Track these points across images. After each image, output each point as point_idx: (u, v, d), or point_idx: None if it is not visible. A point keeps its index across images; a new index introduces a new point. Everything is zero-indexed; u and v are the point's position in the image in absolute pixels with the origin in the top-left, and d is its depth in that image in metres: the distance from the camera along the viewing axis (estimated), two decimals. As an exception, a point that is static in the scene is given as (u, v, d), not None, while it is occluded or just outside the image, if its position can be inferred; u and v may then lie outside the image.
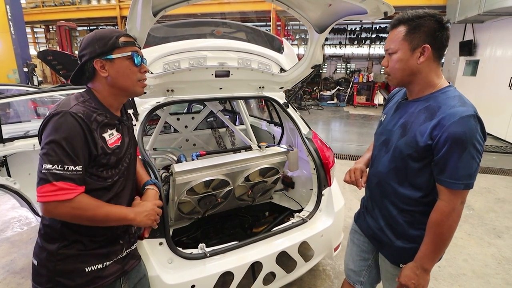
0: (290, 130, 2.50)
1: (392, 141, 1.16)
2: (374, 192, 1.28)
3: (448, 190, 1.01)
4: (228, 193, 1.99)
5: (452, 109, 0.98)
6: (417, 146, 1.04)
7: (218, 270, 1.52)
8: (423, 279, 1.10)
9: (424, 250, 1.08)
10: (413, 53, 1.04)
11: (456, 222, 1.04)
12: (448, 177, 1.00)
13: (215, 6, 10.00)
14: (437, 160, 1.01)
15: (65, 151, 0.92)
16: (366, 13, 1.44)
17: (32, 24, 14.82)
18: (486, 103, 7.47)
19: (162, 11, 1.31)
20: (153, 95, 1.86)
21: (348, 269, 1.52)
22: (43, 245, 1.04)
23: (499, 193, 3.94)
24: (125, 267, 1.18)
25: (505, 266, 2.49)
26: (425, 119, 1.04)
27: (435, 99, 1.05)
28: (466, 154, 0.96)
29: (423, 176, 1.09)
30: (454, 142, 0.95)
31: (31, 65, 8.37)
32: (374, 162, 1.28)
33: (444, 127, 0.97)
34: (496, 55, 7.26)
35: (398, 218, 1.18)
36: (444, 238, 1.05)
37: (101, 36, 1.03)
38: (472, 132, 0.95)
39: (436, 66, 1.08)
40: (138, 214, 1.10)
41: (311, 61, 1.95)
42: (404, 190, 1.14)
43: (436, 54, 1.05)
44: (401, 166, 1.12)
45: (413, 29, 1.03)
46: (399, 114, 1.18)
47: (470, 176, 0.99)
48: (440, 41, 1.03)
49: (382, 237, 1.25)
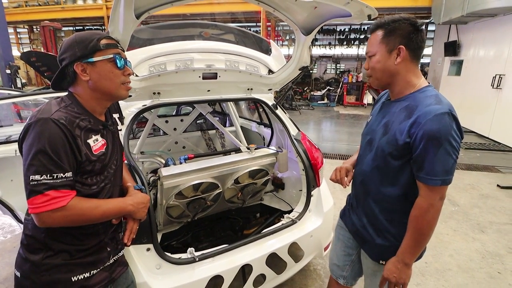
0: (280, 132, 2.51)
1: (375, 140, 1.19)
2: (358, 190, 1.32)
3: (426, 186, 1.04)
4: (218, 196, 1.98)
5: (428, 107, 1.01)
6: (397, 144, 1.08)
7: (208, 274, 1.51)
8: (404, 273, 1.13)
9: (405, 245, 1.12)
10: (390, 54, 1.09)
11: (435, 218, 1.07)
12: (426, 174, 1.02)
13: (205, 6, 9.94)
14: (415, 157, 1.04)
15: (51, 159, 0.89)
16: (350, 15, 1.46)
17: (15, 24, 14.39)
18: (470, 102, 7.69)
19: (145, 13, 1.29)
20: (139, 98, 1.84)
21: (332, 264, 1.57)
22: (26, 256, 1.00)
23: (482, 189, 4.06)
24: (113, 275, 1.16)
25: (489, 260, 2.57)
26: (404, 118, 1.08)
27: (414, 99, 1.09)
28: (442, 150, 0.98)
29: (403, 175, 1.11)
30: (430, 139, 0.98)
31: (14, 66, 8.13)
32: (359, 161, 1.32)
33: (420, 125, 1.00)
34: (479, 55, 7.48)
35: (379, 216, 1.21)
36: (423, 233, 1.08)
37: (81, 39, 1.00)
38: (446, 129, 0.98)
39: (413, 67, 1.12)
40: (137, 205, 1.12)
41: (299, 63, 1.96)
42: (385, 188, 1.17)
43: (412, 54, 1.09)
44: (383, 165, 1.15)
45: (389, 32, 1.08)
46: (382, 114, 1.22)
47: (447, 172, 1.01)
48: (415, 43, 1.07)
49: (364, 234, 1.29)
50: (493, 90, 6.63)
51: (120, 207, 1.08)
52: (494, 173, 4.69)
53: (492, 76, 6.62)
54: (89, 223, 1.02)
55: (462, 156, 5.60)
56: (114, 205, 1.07)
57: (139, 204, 1.14)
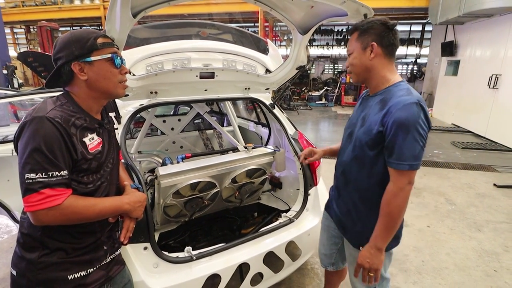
0: (277, 131, 2.52)
1: (354, 132, 1.29)
2: (339, 180, 1.41)
3: (395, 171, 1.12)
4: (215, 195, 1.98)
5: (399, 98, 1.12)
6: (372, 134, 1.17)
7: (205, 273, 1.51)
8: (377, 258, 1.18)
9: (377, 230, 1.18)
10: (364, 51, 1.20)
11: (404, 202, 1.13)
12: (395, 159, 1.11)
13: (203, 6, 9.93)
14: (387, 144, 1.13)
15: (46, 157, 0.89)
16: (346, 15, 1.48)
17: (11, 24, 14.29)
18: (467, 101, 7.74)
19: (142, 12, 1.30)
20: (136, 98, 1.83)
21: (321, 254, 1.69)
22: (22, 255, 1.00)
23: (479, 188, 4.09)
24: (109, 273, 1.15)
25: (485, 258, 2.58)
26: (378, 110, 1.18)
27: (388, 92, 1.19)
28: (410, 136, 1.07)
29: (378, 164, 1.20)
30: (399, 126, 1.07)
31: (10, 67, 8.09)
32: (341, 153, 1.42)
33: (391, 114, 1.10)
34: (476, 55, 7.53)
35: (359, 204, 1.30)
36: (393, 217, 1.14)
37: (78, 38, 0.99)
38: (414, 117, 1.07)
39: (388, 63, 1.22)
40: (134, 204, 1.12)
41: (296, 62, 1.97)
42: (363, 177, 1.26)
43: (385, 51, 1.19)
44: (360, 155, 1.25)
45: (363, 32, 1.21)
46: (361, 109, 1.32)
47: (415, 157, 1.09)
48: (387, 40, 1.18)
49: (346, 222, 1.37)
50: (489, 90, 6.68)
51: (116, 205, 1.08)
52: (491, 172, 4.72)
53: (488, 76, 6.66)
54: (85, 222, 1.02)
55: (459, 155, 5.63)
56: (110, 203, 1.06)
57: (136, 202, 1.14)
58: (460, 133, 7.51)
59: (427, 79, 11.22)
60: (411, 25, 13.16)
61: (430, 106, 10.11)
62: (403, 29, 13.44)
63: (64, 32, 13.50)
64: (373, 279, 1.20)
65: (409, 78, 13.47)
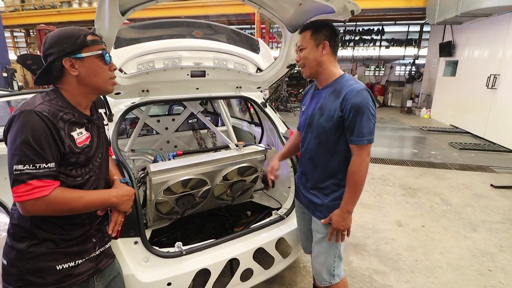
0: (270, 130, 2.53)
1: (314, 122, 1.46)
2: (306, 166, 1.57)
3: (357, 146, 1.34)
4: (207, 193, 1.99)
5: (351, 87, 1.33)
6: (333, 120, 1.36)
7: (194, 267, 1.53)
8: (349, 220, 1.42)
9: (346, 197, 1.40)
10: (317, 48, 1.39)
11: (366, 170, 1.36)
12: (356, 136, 1.32)
13: (198, 9, 9.99)
14: (347, 126, 1.33)
15: (34, 150, 0.92)
16: (334, 12, 1.49)
17: (11, 28, 14.39)
18: (465, 102, 7.73)
19: (130, 10, 1.32)
20: (127, 96, 1.85)
21: (302, 242, 1.83)
22: (12, 245, 1.03)
23: (476, 188, 4.08)
24: (99, 265, 1.17)
25: (479, 258, 2.58)
26: (334, 99, 1.37)
27: (338, 84, 1.40)
28: (365, 117, 1.29)
29: (341, 144, 1.40)
30: (356, 109, 1.29)
31: (10, 70, 8.15)
32: (304, 142, 1.57)
33: (348, 100, 1.31)
34: (474, 55, 7.53)
35: (327, 183, 1.48)
36: (358, 184, 1.37)
37: (68, 35, 1.02)
38: (366, 101, 1.30)
39: (333, 60, 1.44)
40: (121, 198, 1.14)
41: (286, 61, 1.99)
42: (329, 158, 1.45)
43: (333, 50, 1.41)
44: (324, 140, 1.43)
45: (316, 31, 1.39)
46: (315, 101, 1.49)
47: (370, 133, 1.32)
48: (335, 41, 1.40)
49: (316, 201, 1.53)
50: (488, 90, 6.67)
51: (104, 198, 1.10)
52: (488, 173, 4.71)
53: (487, 76, 6.66)
54: (73, 213, 1.04)
55: (457, 156, 5.63)
56: (97, 196, 1.09)
57: (123, 196, 1.16)
58: (458, 134, 7.50)
59: (425, 80, 11.22)
60: (409, 25, 13.19)
61: (428, 107, 10.12)
62: (401, 29, 13.47)
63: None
64: (345, 236, 1.46)
65: (407, 79, 13.48)
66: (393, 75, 13.99)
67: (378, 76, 14.19)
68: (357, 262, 2.49)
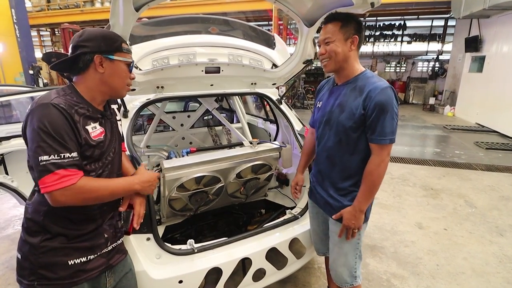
0: (285, 127, 2.48)
1: (333, 119, 1.40)
2: (323, 165, 1.51)
3: (378, 145, 1.30)
4: (220, 190, 1.98)
5: (374, 84, 1.28)
6: (355, 117, 1.31)
7: (206, 266, 1.52)
8: (360, 219, 1.38)
9: (360, 195, 1.35)
10: (346, 42, 1.32)
11: (384, 171, 1.32)
12: (378, 135, 1.28)
13: (216, 6, 10.02)
14: (369, 124, 1.29)
15: (56, 140, 0.93)
16: (352, 4, 1.42)
17: (37, 27, 15.07)
18: (493, 100, 7.33)
19: (144, 5, 1.31)
20: (142, 92, 1.87)
21: (315, 243, 1.76)
22: (25, 239, 1.05)
23: (503, 191, 3.85)
24: (110, 261, 1.18)
25: (507, 264, 2.43)
26: (356, 96, 1.32)
27: (359, 81, 1.35)
28: (388, 116, 1.25)
29: (361, 143, 1.35)
30: (380, 108, 1.25)
31: (36, 67, 8.53)
32: (321, 140, 1.50)
33: (372, 98, 1.26)
34: (503, 51, 7.11)
35: (345, 183, 1.43)
36: (376, 184, 1.33)
37: (108, 36, 1.08)
38: (390, 99, 1.26)
39: (357, 55, 1.39)
40: (143, 184, 1.17)
41: (303, 56, 1.93)
42: (348, 157, 1.40)
43: (359, 45, 1.36)
44: (345, 138, 1.38)
45: (346, 24, 1.31)
46: (334, 97, 1.43)
47: (393, 132, 1.28)
48: (362, 36, 1.34)
49: (332, 202, 1.47)
50: (517, 87, 6.29)
51: (127, 185, 1.13)
52: (517, 174, 4.45)
53: (516, 72, 6.28)
54: (100, 202, 1.07)
55: (482, 156, 5.34)
56: (122, 183, 1.12)
57: (145, 182, 1.18)
58: (485, 133, 7.12)
59: (449, 76, 10.73)
60: (433, 20, 12.64)
61: (453, 104, 9.67)
62: (424, 24, 12.93)
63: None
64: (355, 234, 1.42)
65: (430, 75, 12.93)
66: (415, 71, 13.46)
67: (399, 72, 13.71)
68: (375, 265, 2.41)
